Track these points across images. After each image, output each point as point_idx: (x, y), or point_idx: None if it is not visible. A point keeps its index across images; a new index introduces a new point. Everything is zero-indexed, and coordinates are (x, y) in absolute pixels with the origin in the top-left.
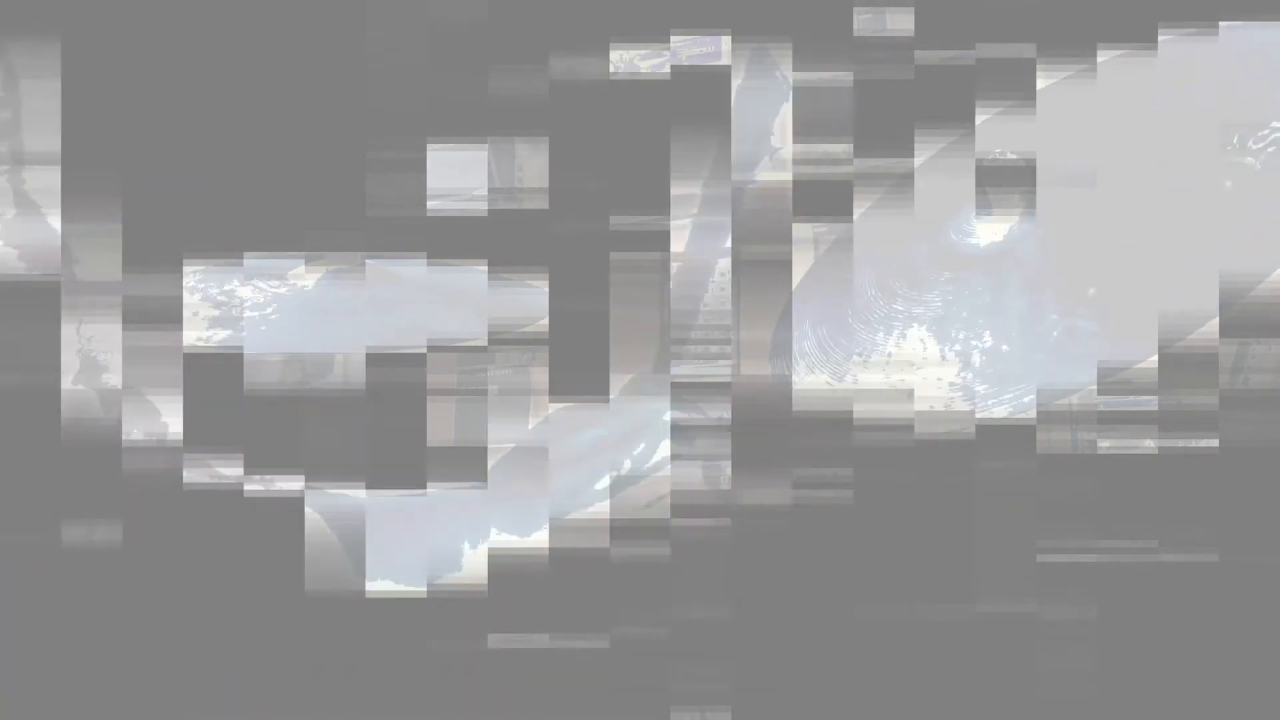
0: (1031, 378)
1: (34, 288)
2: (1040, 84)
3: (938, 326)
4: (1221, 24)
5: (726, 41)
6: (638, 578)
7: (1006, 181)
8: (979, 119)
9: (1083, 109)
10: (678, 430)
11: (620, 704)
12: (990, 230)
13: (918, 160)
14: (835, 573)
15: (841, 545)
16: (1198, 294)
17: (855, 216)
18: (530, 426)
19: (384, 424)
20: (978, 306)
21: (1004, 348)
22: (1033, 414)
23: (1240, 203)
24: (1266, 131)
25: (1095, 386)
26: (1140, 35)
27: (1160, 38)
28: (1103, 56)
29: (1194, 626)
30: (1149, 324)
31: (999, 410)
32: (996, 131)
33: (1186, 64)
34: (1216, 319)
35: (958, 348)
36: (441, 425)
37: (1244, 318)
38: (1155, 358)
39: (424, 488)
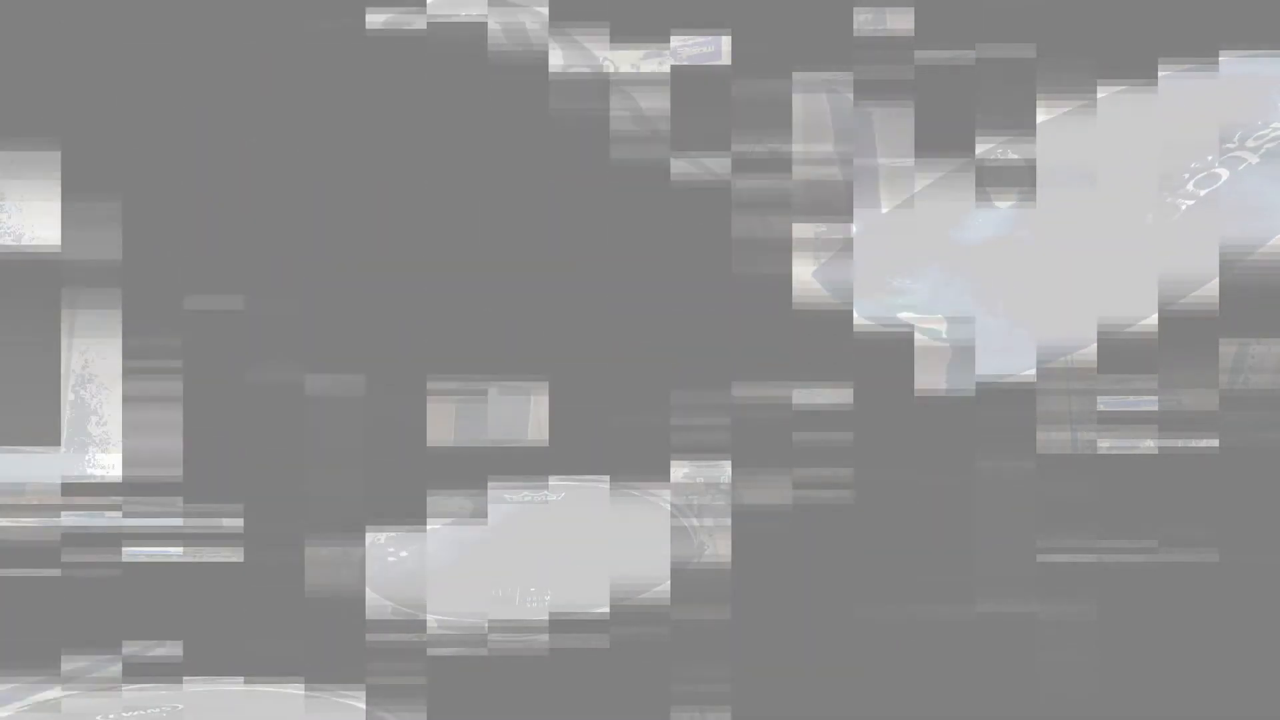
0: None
1: None
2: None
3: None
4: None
5: (726, 41)
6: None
7: (1007, 181)
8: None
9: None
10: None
11: (620, 704)
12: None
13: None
14: (835, 573)
15: (841, 545)
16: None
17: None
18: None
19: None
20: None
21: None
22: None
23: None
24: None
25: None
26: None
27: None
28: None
29: (1194, 626)
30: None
31: None
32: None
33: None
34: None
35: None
36: (441, 425)
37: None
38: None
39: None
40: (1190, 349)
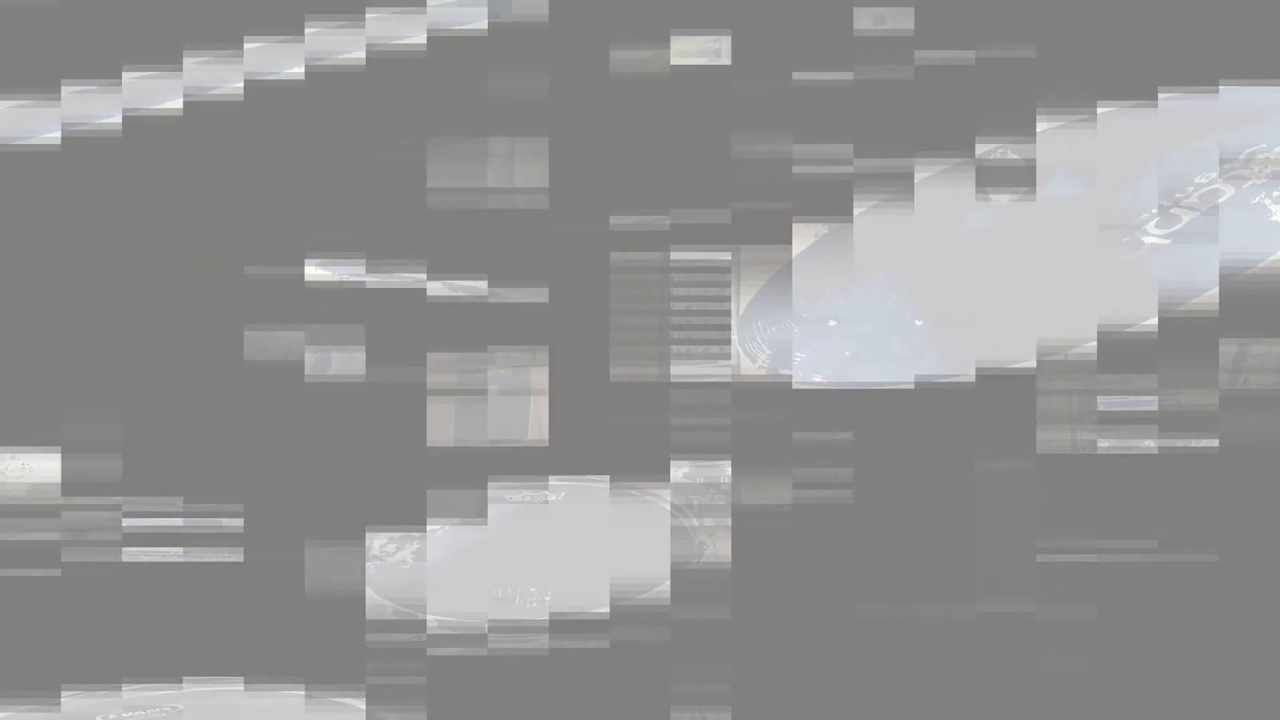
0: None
1: None
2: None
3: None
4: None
5: (726, 41)
6: None
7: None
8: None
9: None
10: None
11: (620, 704)
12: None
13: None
14: (835, 573)
15: (841, 545)
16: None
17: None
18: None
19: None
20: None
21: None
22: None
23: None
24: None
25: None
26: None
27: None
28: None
29: (1194, 626)
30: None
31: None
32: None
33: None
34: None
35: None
36: (441, 425)
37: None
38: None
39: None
40: (1190, 349)
